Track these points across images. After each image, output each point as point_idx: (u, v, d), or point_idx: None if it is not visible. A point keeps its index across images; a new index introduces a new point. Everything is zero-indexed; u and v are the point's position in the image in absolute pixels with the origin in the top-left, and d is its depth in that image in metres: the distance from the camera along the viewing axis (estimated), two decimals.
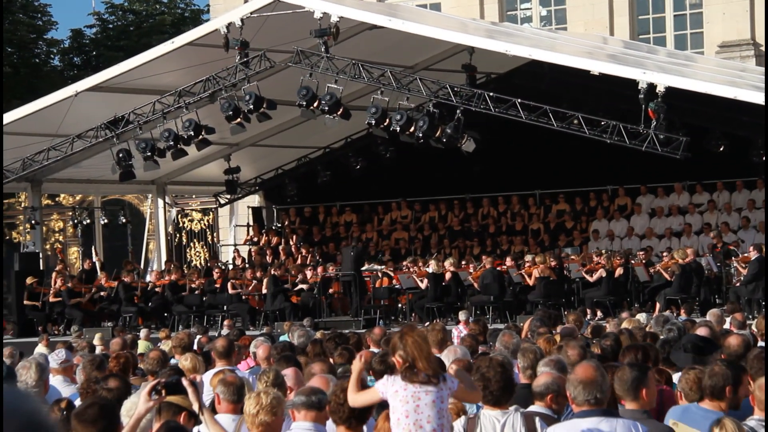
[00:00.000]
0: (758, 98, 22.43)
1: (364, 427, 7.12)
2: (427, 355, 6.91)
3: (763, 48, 35.13)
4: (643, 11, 36.00)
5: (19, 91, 45.39)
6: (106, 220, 34.37)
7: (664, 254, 27.04)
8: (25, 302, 28.46)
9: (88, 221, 34.10)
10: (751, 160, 27.92)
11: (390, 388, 6.81)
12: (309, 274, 28.53)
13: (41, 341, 20.03)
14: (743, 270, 25.12)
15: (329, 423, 7.38)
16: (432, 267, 26.85)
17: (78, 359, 11.25)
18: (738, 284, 25.14)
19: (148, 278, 30.95)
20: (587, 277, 26.52)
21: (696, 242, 29.22)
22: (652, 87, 22.65)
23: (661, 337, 12.20)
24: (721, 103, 24.16)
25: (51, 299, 28.48)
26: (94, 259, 32.56)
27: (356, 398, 7.02)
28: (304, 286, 27.92)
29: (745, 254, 26.02)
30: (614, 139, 23.62)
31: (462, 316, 22.31)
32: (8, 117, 27.82)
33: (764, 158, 26.81)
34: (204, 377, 10.34)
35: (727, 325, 14.51)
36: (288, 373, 9.25)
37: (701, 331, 11.77)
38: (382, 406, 7.47)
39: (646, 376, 7.33)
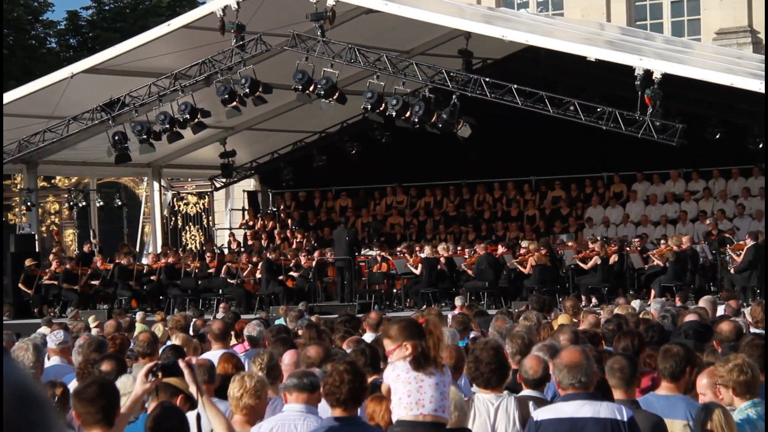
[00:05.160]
0: (755, 86, 22.42)
1: (358, 409, 7.15)
2: (442, 346, 6.84)
3: (760, 35, 35.14)
4: None
5: (15, 72, 45.28)
6: (101, 203, 34.31)
7: (661, 242, 27.05)
8: (20, 285, 28.42)
9: (84, 204, 34.06)
10: (748, 148, 27.94)
11: (391, 374, 6.78)
12: (303, 259, 28.51)
13: (45, 323, 20.05)
14: (737, 258, 25.13)
15: (322, 405, 7.40)
16: (426, 252, 26.86)
17: (84, 338, 11.29)
18: (732, 272, 25.17)
19: (144, 261, 30.92)
20: (581, 264, 26.54)
21: (691, 229, 29.21)
22: (648, 73, 22.64)
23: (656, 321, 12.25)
24: (718, 91, 24.15)
25: (46, 281, 28.46)
26: (93, 242, 32.50)
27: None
28: (294, 274, 27.85)
29: (740, 242, 26.05)
30: (610, 125, 23.61)
31: (458, 301, 22.37)
32: (4, 98, 27.76)
33: (763, 145, 26.83)
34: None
35: (720, 312, 14.56)
36: (288, 355, 9.33)
37: (690, 318, 11.84)
38: (373, 388, 7.48)
39: (636, 367, 7.38)
